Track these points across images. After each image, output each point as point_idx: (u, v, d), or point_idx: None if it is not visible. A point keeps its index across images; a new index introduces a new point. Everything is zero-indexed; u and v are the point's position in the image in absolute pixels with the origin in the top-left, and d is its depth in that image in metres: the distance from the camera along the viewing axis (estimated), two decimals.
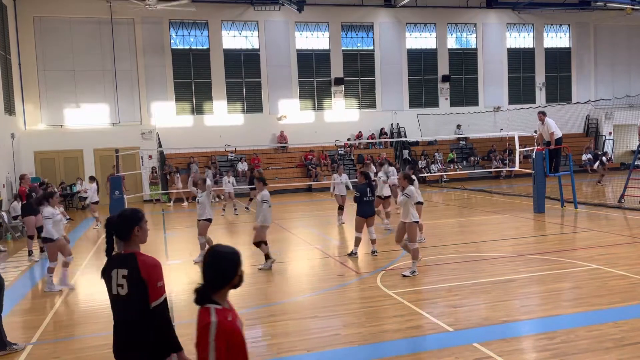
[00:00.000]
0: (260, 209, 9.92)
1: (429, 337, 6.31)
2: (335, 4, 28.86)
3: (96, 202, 17.68)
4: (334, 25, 29.21)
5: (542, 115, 15.55)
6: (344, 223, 14.79)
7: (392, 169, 15.10)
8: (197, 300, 2.78)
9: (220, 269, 2.79)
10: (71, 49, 25.32)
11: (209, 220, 10.86)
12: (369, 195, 10.49)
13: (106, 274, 3.58)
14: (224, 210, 18.55)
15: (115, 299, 3.57)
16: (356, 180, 12.26)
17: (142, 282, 3.45)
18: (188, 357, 3.59)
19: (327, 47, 29.28)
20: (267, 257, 10.05)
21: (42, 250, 12.52)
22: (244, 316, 7.40)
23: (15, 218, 16.13)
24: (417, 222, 9.04)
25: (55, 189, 18.29)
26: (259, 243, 10.00)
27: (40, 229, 12.48)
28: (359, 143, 29.21)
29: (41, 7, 24.80)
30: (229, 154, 26.79)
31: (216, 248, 2.91)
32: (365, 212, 10.53)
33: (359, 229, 10.63)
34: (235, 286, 2.82)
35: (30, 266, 11.75)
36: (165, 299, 3.53)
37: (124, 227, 3.57)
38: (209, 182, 11.38)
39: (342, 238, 13.13)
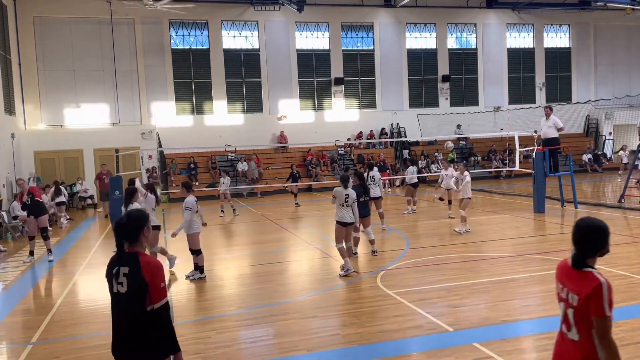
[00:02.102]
0: (184, 217, 9.50)
1: (429, 337, 6.30)
2: (335, 4, 28.86)
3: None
4: (334, 25, 29.21)
5: (549, 110, 15.48)
6: None
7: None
8: (576, 266, 3.15)
9: (594, 239, 3.14)
10: (71, 49, 25.33)
11: (157, 228, 10.33)
12: (363, 196, 10.52)
13: (110, 272, 3.61)
14: (222, 211, 18.52)
15: (114, 297, 3.60)
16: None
17: (142, 281, 3.46)
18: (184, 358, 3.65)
19: (327, 47, 29.28)
20: (198, 268, 9.58)
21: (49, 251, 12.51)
22: (244, 316, 7.44)
23: (15, 218, 16.14)
24: (337, 221, 9.44)
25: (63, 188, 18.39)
26: (197, 251, 9.56)
27: (42, 230, 12.49)
28: (359, 143, 29.21)
29: (41, 7, 24.81)
30: (229, 154, 26.80)
31: (588, 222, 3.17)
32: (360, 213, 10.53)
33: (355, 229, 10.66)
34: (604, 254, 3.15)
35: (30, 266, 11.74)
36: (167, 300, 3.56)
37: (133, 228, 3.61)
38: (139, 186, 10.39)
39: None
